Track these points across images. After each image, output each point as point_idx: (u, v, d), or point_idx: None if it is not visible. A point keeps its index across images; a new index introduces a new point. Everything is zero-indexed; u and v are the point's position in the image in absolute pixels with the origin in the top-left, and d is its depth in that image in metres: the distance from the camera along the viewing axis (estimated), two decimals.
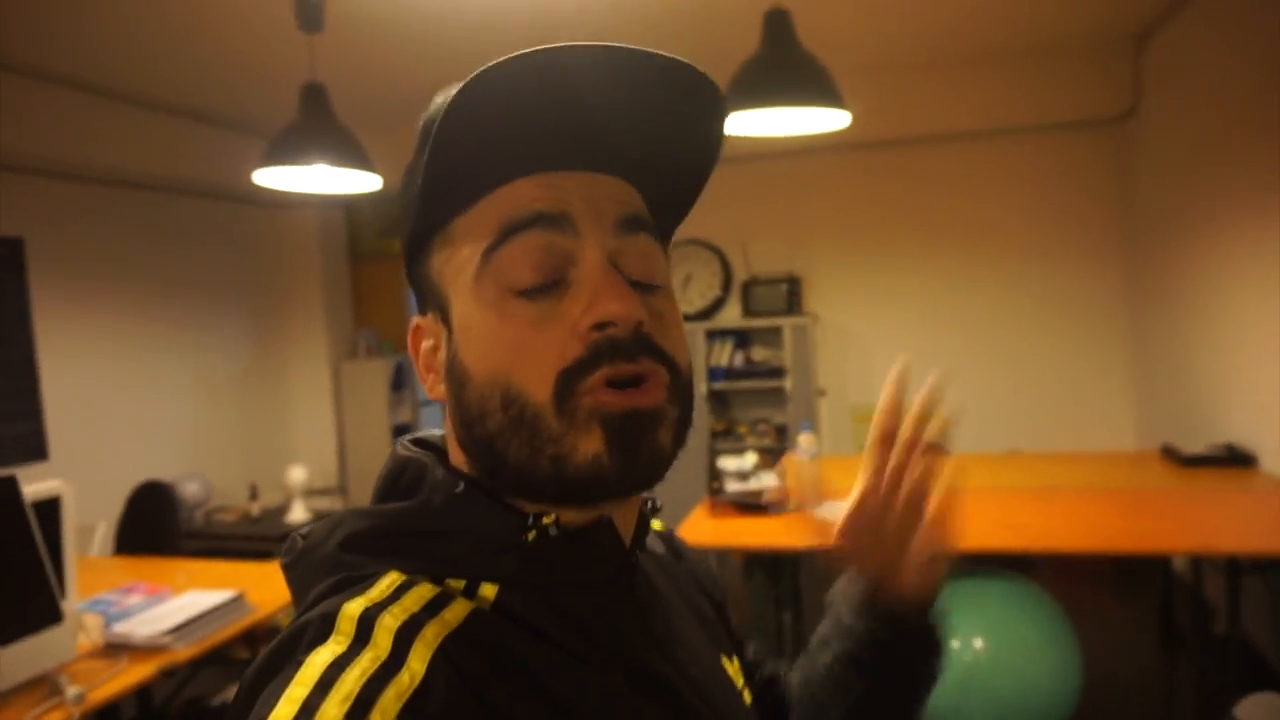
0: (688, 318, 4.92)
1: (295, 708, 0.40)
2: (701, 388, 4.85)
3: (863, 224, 4.90)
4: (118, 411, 4.32)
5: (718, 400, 5.04)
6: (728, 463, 2.97)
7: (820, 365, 4.87)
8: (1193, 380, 3.70)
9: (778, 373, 4.79)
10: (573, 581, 0.52)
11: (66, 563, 1.94)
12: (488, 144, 0.49)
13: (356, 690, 0.40)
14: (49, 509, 1.91)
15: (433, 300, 0.55)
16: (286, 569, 0.53)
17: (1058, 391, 4.64)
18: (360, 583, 0.48)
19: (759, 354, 4.92)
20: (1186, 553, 2.88)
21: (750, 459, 2.99)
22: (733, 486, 2.85)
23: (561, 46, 0.46)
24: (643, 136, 0.52)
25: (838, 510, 0.64)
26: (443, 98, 0.52)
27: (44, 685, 1.78)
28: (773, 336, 4.87)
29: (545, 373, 0.49)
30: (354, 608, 0.45)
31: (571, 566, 0.52)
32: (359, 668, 0.42)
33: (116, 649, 1.97)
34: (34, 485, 1.88)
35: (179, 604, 2.15)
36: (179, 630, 2.00)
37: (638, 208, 0.54)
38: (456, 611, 0.47)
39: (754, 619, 3.29)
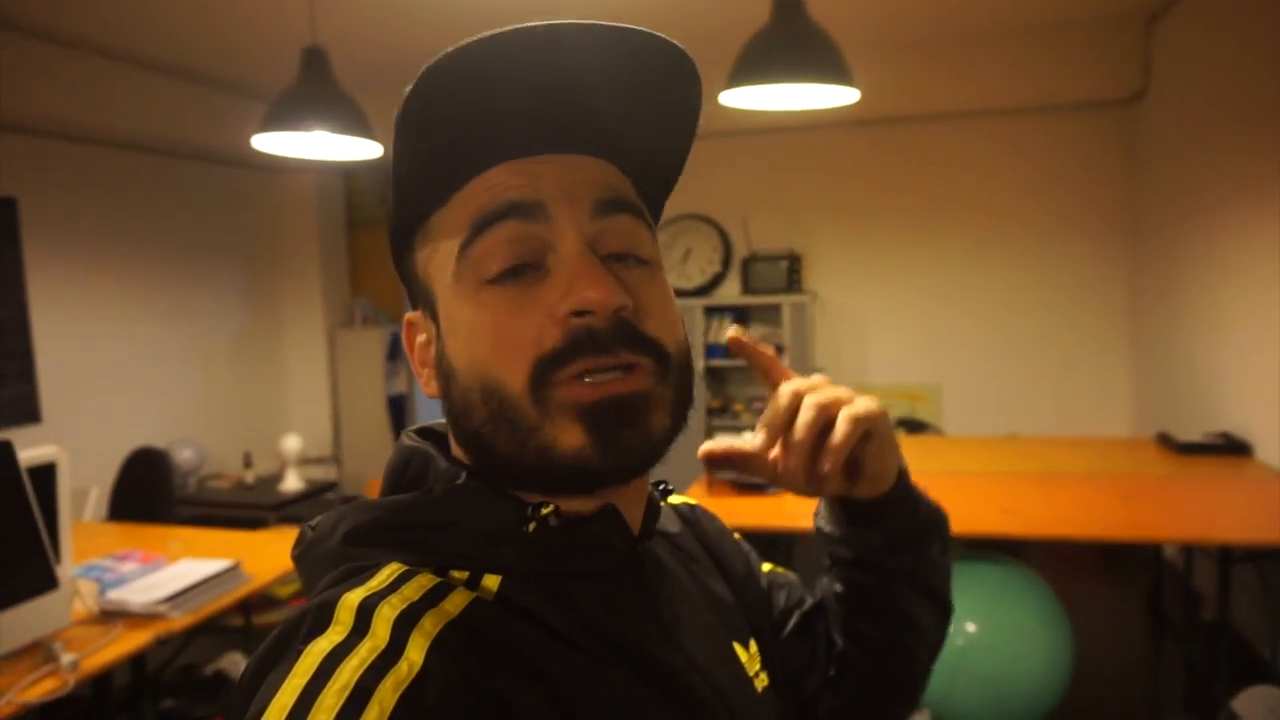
0: (686, 293, 4.89)
1: (294, 697, 0.40)
2: (699, 364, 4.83)
3: (865, 202, 4.87)
4: (111, 375, 4.30)
5: (714, 377, 5.03)
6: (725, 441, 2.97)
7: (818, 343, 4.86)
8: (1190, 367, 3.70)
9: (776, 350, 4.77)
10: (577, 572, 0.51)
11: (61, 529, 1.94)
12: (454, 134, 0.48)
13: (354, 680, 0.40)
14: (44, 474, 1.90)
15: (421, 297, 0.54)
16: (296, 561, 0.54)
17: (1056, 375, 4.63)
18: (363, 573, 0.48)
19: (758, 331, 4.91)
20: (1180, 541, 2.89)
21: (748, 437, 2.98)
22: None
23: (524, 26, 0.44)
24: (619, 113, 0.51)
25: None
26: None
27: (38, 651, 1.78)
28: (772, 314, 4.85)
29: (522, 361, 0.48)
30: (353, 597, 0.45)
31: (575, 557, 0.51)
32: (357, 657, 0.42)
33: (111, 616, 1.97)
34: (30, 450, 1.87)
35: (174, 572, 2.15)
36: (175, 599, 2.00)
37: (618, 188, 0.53)
38: (456, 601, 0.47)
39: None
